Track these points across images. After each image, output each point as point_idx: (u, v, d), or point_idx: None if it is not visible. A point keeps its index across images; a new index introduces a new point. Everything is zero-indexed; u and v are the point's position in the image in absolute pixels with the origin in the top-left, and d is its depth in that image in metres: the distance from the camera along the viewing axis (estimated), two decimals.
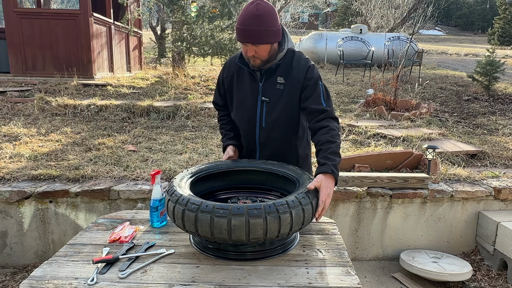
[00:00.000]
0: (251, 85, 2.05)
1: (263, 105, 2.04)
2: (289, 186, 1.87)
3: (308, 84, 1.98)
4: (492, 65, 8.07)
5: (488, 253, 3.70)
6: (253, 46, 1.88)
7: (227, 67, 2.16)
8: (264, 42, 1.88)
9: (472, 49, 21.85)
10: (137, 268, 1.58)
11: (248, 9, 1.85)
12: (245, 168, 2.02)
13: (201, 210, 1.51)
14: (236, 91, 2.11)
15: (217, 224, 1.48)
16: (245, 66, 2.04)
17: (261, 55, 1.92)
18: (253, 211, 1.49)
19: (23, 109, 6.05)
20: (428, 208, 3.79)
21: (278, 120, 2.04)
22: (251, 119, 2.07)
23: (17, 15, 7.51)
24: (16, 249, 3.56)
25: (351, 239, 3.81)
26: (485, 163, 4.64)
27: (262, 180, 2.02)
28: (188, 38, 8.76)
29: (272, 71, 2.01)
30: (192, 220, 1.52)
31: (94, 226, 2.00)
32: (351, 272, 1.58)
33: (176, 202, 1.59)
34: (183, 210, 1.55)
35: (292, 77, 2.00)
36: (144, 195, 3.46)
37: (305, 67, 2.00)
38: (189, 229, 1.57)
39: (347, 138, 5.20)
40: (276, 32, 1.90)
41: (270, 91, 2.02)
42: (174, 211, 1.60)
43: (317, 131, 1.91)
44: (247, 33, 1.85)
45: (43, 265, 1.62)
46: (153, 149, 4.65)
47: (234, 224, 1.47)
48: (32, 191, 3.44)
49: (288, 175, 1.90)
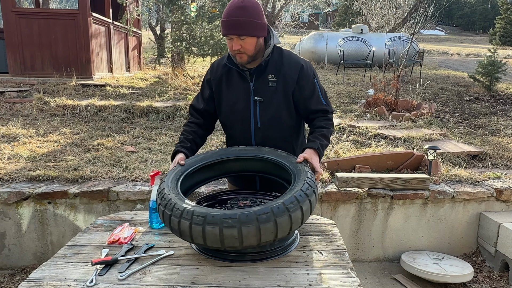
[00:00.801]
0: (242, 85, 2.02)
1: (257, 105, 2.01)
2: (280, 171, 1.88)
3: (304, 84, 2.00)
4: (493, 65, 8.08)
5: (490, 255, 3.70)
6: (238, 39, 1.85)
7: (214, 69, 2.10)
8: (250, 34, 1.85)
9: (474, 49, 21.87)
10: (136, 269, 1.58)
11: (233, 2, 1.85)
12: (234, 157, 2.00)
13: (207, 222, 1.47)
14: (225, 94, 2.06)
15: (227, 234, 1.46)
16: (233, 66, 2.01)
17: (247, 49, 1.88)
18: (262, 216, 1.47)
19: (21, 110, 6.06)
20: (429, 209, 3.79)
21: (274, 118, 2.03)
22: (245, 121, 2.04)
23: (16, 15, 7.52)
24: (14, 250, 3.56)
25: (352, 240, 3.81)
26: (486, 164, 4.65)
27: (253, 167, 2.00)
28: (187, 38, 8.76)
29: (261, 69, 1.99)
30: (200, 233, 1.49)
31: (93, 227, 2.01)
32: (351, 274, 1.58)
33: (180, 216, 1.53)
34: (189, 224, 1.51)
35: (284, 73, 1.99)
36: (144, 196, 3.47)
37: (298, 65, 2.00)
38: (197, 241, 1.54)
39: (347, 138, 5.20)
40: (262, 26, 1.89)
41: (262, 90, 2.00)
42: (180, 226, 1.54)
43: (315, 123, 2.06)
44: (232, 24, 1.83)
45: (42, 267, 1.62)
46: (153, 150, 4.65)
47: (244, 233, 1.46)
48: (30, 192, 3.44)
49: (280, 162, 1.89)
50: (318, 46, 12.54)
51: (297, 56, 2.07)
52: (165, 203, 1.60)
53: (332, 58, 12.11)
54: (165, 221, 1.61)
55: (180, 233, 1.56)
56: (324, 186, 3.74)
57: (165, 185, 1.73)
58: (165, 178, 1.80)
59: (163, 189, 1.70)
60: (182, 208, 1.54)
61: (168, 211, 1.57)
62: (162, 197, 1.64)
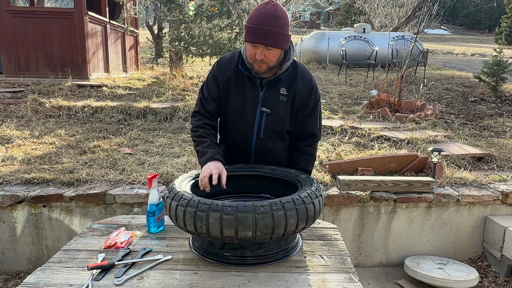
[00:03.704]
0: (251, 93, 1.99)
1: (263, 116, 2.00)
2: (290, 190, 1.88)
3: (309, 105, 2.03)
4: (499, 65, 8.08)
5: (495, 259, 3.70)
6: (264, 49, 1.81)
7: (222, 68, 2.02)
8: (278, 46, 1.83)
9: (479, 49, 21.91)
10: (133, 274, 1.59)
11: (265, 8, 1.78)
12: (246, 172, 2.02)
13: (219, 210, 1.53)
14: (233, 97, 2.02)
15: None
16: (247, 72, 1.97)
17: (270, 60, 1.86)
18: (260, 208, 1.52)
19: (16, 111, 6.06)
20: (434, 213, 3.79)
21: (277, 131, 2.05)
22: (249, 129, 2.03)
23: (10, 13, 7.53)
24: (8, 255, 3.56)
25: (354, 244, 3.81)
26: (492, 167, 4.65)
27: (261, 185, 2.02)
28: (186, 37, 8.77)
29: (276, 81, 1.98)
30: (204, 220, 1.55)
31: (89, 232, 2.01)
32: (354, 279, 1.59)
33: (187, 205, 1.60)
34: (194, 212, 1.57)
35: (295, 90, 1.99)
36: (141, 199, 3.47)
37: (310, 85, 2.02)
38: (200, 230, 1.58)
39: (350, 140, 5.21)
40: (288, 38, 1.87)
41: (272, 102, 1.99)
42: (185, 215, 1.60)
43: (301, 155, 2.14)
44: (263, 33, 1.77)
45: (37, 272, 1.63)
46: (150, 152, 4.66)
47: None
48: (25, 195, 3.45)
49: (289, 178, 1.92)
50: (319, 45, 12.55)
51: (310, 73, 2.07)
52: (173, 195, 1.68)
53: (334, 58, 12.12)
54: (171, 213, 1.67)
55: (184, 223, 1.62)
56: (326, 189, 3.74)
57: (177, 184, 1.79)
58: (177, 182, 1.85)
59: (174, 187, 1.76)
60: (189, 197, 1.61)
61: (175, 201, 1.64)
62: (171, 191, 1.72)
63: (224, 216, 1.50)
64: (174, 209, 1.63)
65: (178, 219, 1.62)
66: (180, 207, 1.60)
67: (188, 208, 1.57)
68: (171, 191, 1.72)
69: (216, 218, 1.51)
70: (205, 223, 1.52)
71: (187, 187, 1.81)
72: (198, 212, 1.54)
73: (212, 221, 1.51)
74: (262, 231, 1.52)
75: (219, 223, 1.50)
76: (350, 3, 27.64)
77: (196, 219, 1.54)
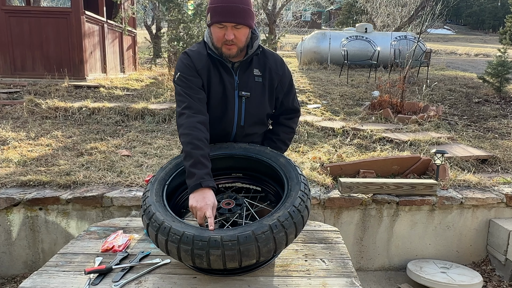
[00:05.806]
0: (226, 79, 1.93)
1: (242, 101, 1.95)
2: (262, 164, 1.88)
3: (286, 81, 2.06)
4: (503, 65, 8.09)
5: (500, 263, 3.70)
6: (233, 29, 1.79)
7: (195, 58, 1.90)
8: (247, 23, 1.81)
9: (483, 49, 21.94)
10: (131, 279, 1.59)
11: None
12: (217, 155, 1.91)
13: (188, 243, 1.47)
14: (213, 86, 1.93)
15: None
16: (218, 56, 1.90)
17: (240, 40, 1.83)
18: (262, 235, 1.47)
19: (11, 112, 6.07)
20: (437, 216, 3.79)
21: (257, 116, 2.02)
22: (228, 117, 1.97)
23: (5, 13, 7.55)
24: (4, 258, 3.56)
25: (356, 248, 3.81)
26: (496, 169, 4.65)
27: (231, 165, 1.96)
28: (184, 37, 8.78)
29: (247, 62, 1.95)
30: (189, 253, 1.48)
31: (86, 235, 2.01)
32: (355, 283, 1.59)
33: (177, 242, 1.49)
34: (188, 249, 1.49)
35: (270, 68, 1.99)
36: (139, 202, 3.47)
37: (282, 62, 2.06)
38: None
39: (351, 142, 5.21)
40: (254, 16, 1.88)
41: (249, 84, 1.95)
42: (168, 246, 1.52)
43: (281, 127, 2.15)
44: (230, 11, 1.75)
45: (33, 276, 1.63)
46: (148, 154, 4.66)
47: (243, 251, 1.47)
48: (21, 198, 3.45)
49: (267, 162, 1.86)
50: (320, 45, 12.57)
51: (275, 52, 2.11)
52: (157, 226, 1.55)
53: (335, 58, 12.13)
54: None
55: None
56: (327, 192, 3.75)
57: (150, 200, 1.67)
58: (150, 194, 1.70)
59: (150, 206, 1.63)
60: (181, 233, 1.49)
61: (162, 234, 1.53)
62: (150, 217, 1.58)
63: (226, 252, 1.44)
64: (164, 244, 1.52)
65: (171, 254, 1.53)
66: (171, 243, 1.49)
67: (182, 246, 1.47)
68: (150, 216, 1.57)
69: (218, 255, 1.45)
70: (206, 260, 1.46)
71: (164, 196, 1.69)
72: (196, 250, 1.46)
73: (213, 258, 1.45)
74: (265, 256, 1.50)
75: (222, 259, 1.45)
76: (351, 2, 27.70)
77: (194, 257, 1.47)
